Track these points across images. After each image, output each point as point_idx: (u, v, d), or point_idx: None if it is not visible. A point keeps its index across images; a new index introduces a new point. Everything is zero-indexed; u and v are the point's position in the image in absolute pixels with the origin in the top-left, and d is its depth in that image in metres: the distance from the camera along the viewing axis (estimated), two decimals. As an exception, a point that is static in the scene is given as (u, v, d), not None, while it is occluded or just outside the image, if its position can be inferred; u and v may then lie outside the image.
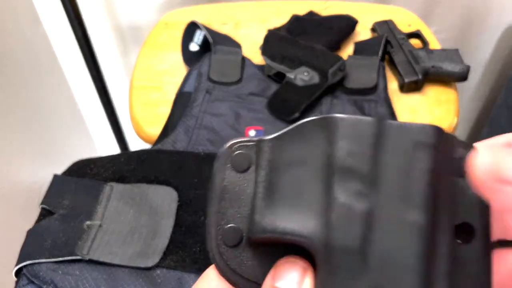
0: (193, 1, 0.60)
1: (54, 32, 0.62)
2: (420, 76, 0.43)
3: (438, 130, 0.13)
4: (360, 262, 0.13)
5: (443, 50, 0.45)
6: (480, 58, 0.67)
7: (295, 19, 0.51)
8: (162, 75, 0.48)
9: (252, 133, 0.40)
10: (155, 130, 0.43)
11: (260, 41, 0.46)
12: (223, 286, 0.15)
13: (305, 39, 0.47)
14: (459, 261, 0.13)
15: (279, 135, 0.14)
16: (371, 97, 0.42)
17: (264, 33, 0.47)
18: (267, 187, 0.14)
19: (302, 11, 0.53)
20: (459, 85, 0.47)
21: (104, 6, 0.63)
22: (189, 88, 0.44)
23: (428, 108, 0.44)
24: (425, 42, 0.48)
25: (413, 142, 0.13)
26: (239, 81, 0.44)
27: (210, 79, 0.44)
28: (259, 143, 0.14)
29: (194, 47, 0.48)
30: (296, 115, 0.40)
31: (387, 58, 0.47)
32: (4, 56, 0.46)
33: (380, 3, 0.59)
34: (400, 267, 0.12)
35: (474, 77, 0.69)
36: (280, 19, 0.52)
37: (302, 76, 0.42)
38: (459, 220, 0.13)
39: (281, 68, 0.43)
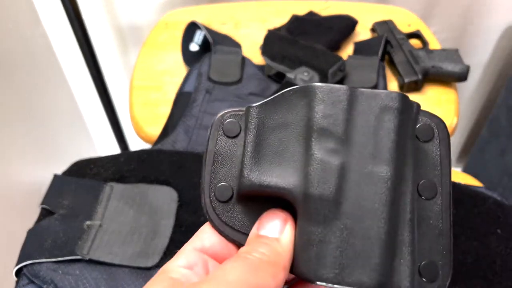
0: (193, 1, 0.60)
1: (54, 32, 0.63)
2: (420, 76, 0.43)
3: (402, 97, 0.15)
4: (334, 208, 0.14)
5: (443, 50, 0.45)
6: (479, 58, 0.67)
7: (295, 19, 0.51)
8: (162, 75, 0.48)
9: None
10: (155, 130, 0.43)
11: (260, 41, 0.46)
12: (214, 239, 0.16)
13: (305, 39, 0.47)
14: (422, 214, 0.15)
15: (265, 102, 0.16)
16: (371, 97, 0.42)
17: (264, 33, 0.47)
18: (255, 147, 0.16)
19: (302, 11, 0.53)
20: (459, 85, 0.47)
21: (104, 6, 0.63)
22: (189, 88, 0.44)
23: (428, 108, 0.43)
24: (425, 42, 0.48)
25: (381, 106, 0.14)
26: (239, 81, 0.44)
27: (210, 79, 0.44)
28: (247, 110, 0.16)
29: (194, 47, 0.48)
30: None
31: (387, 58, 0.47)
32: (4, 56, 0.46)
33: (380, 3, 0.59)
34: (368, 212, 0.14)
35: (474, 77, 0.69)
36: (280, 19, 0.52)
37: (302, 76, 0.42)
38: (422, 178, 0.15)
39: (281, 68, 0.43)
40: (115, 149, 0.77)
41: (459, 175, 0.39)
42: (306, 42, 0.45)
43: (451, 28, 0.63)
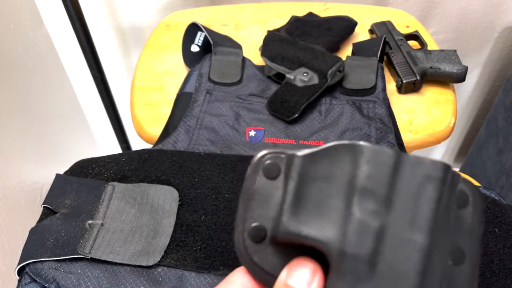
0: (194, 3, 0.61)
1: (57, 33, 0.63)
2: (418, 77, 0.44)
3: (446, 167, 0.15)
4: (367, 269, 0.14)
5: (441, 51, 0.46)
6: (478, 59, 0.67)
7: (295, 20, 0.51)
8: (163, 75, 0.49)
9: (252, 133, 0.40)
10: (156, 130, 0.43)
11: (260, 42, 0.47)
12: (247, 283, 0.16)
13: (305, 40, 0.47)
14: (450, 279, 0.15)
15: (311, 153, 0.16)
16: (370, 97, 0.42)
17: (264, 34, 0.48)
18: (295, 195, 0.16)
19: (301, 13, 0.53)
20: (457, 85, 0.47)
21: (106, 8, 0.63)
22: (189, 88, 0.44)
23: (426, 109, 0.44)
24: (423, 43, 0.48)
25: (424, 174, 0.15)
26: (239, 81, 0.44)
27: (210, 80, 0.44)
28: (290, 157, 0.16)
29: (195, 48, 0.48)
30: (296, 115, 0.40)
31: (386, 59, 0.47)
32: (6, 57, 0.46)
33: (379, 4, 0.59)
34: (400, 278, 0.14)
35: (472, 78, 0.70)
36: (280, 20, 0.53)
37: (302, 76, 0.42)
38: (454, 245, 0.15)
39: (280, 69, 0.43)
40: (117, 149, 0.78)
41: (457, 175, 0.40)
42: (306, 43, 0.45)
43: (449, 29, 0.63)
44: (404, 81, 0.44)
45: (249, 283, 0.16)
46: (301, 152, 0.16)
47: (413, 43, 0.49)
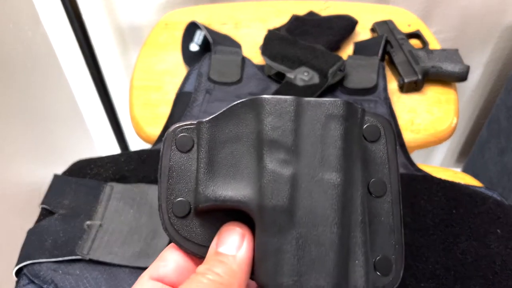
0: (193, 1, 0.60)
1: (55, 32, 0.63)
2: (419, 76, 0.43)
3: (347, 103, 0.15)
4: (288, 218, 0.15)
5: (443, 50, 0.45)
6: (479, 58, 0.67)
7: (295, 19, 0.51)
8: (162, 75, 0.48)
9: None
10: (155, 130, 0.43)
11: (260, 41, 0.46)
12: (171, 266, 0.16)
13: (305, 39, 0.47)
14: (373, 211, 0.16)
15: (215, 116, 0.16)
16: (371, 97, 0.42)
17: (264, 33, 0.47)
18: (208, 162, 0.16)
19: (302, 11, 0.53)
20: (459, 85, 0.47)
21: (104, 6, 0.63)
22: (189, 88, 0.44)
23: (428, 108, 0.44)
24: (425, 42, 0.48)
25: (326, 114, 0.15)
26: (239, 81, 0.44)
27: (210, 79, 0.44)
28: (198, 125, 0.16)
29: (194, 47, 0.48)
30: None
31: (387, 58, 0.47)
32: (4, 56, 0.46)
33: (380, 3, 0.59)
34: (321, 219, 0.15)
35: (474, 77, 0.69)
36: (280, 19, 0.52)
37: (302, 76, 0.42)
38: (372, 177, 0.16)
39: (281, 68, 0.43)
40: (115, 149, 0.77)
41: (458, 175, 0.39)
42: (306, 42, 0.45)
43: (450, 29, 0.63)
44: (405, 81, 0.43)
45: (181, 258, 0.16)
46: (207, 118, 0.16)
47: (415, 42, 0.49)
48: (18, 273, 0.31)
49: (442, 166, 0.41)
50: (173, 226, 0.16)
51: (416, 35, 0.49)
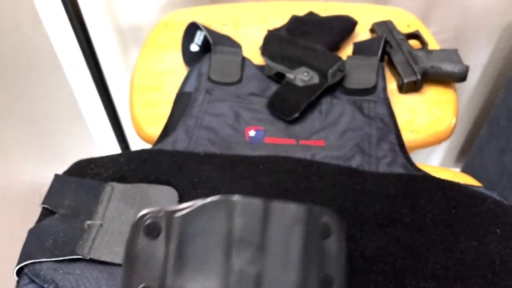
0: (194, 2, 0.60)
1: (55, 32, 0.63)
2: (419, 77, 0.44)
3: (310, 209, 0.17)
4: None
5: (442, 50, 0.46)
6: (479, 58, 0.67)
7: (295, 20, 0.51)
8: (162, 75, 0.48)
9: (252, 133, 0.40)
10: (156, 130, 0.43)
11: (260, 42, 0.46)
12: None
13: (305, 40, 0.47)
14: None
15: (188, 213, 0.17)
16: (370, 97, 0.42)
17: (264, 33, 0.48)
18: (177, 255, 0.17)
19: (302, 12, 0.53)
20: (458, 85, 0.47)
21: (105, 7, 0.63)
22: (189, 88, 0.44)
23: (427, 108, 0.44)
24: (424, 43, 0.48)
25: (291, 218, 0.17)
26: (239, 81, 0.44)
27: (210, 79, 0.44)
28: (169, 216, 0.17)
29: (194, 47, 0.48)
30: (296, 115, 0.40)
31: (386, 58, 0.47)
32: (5, 56, 0.46)
33: (379, 4, 0.59)
34: None
35: (473, 77, 0.70)
36: (280, 20, 0.53)
37: (302, 76, 0.42)
38: (323, 272, 0.17)
39: (280, 68, 0.43)
40: (116, 149, 0.77)
41: (458, 175, 0.40)
42: (306, 43, 0.45)
43: (450, 29, 0.63)
44: (405, 81, 0.44)
45: None
46: (180, 212, 0.17)
47: (414, 43, 0.49)
48: (19, 272, 0.31)
49: (441, 166, 0.41)
50: None
51: (415, 35, 0.49)
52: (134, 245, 0.17)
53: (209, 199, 0.17)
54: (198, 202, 0.17)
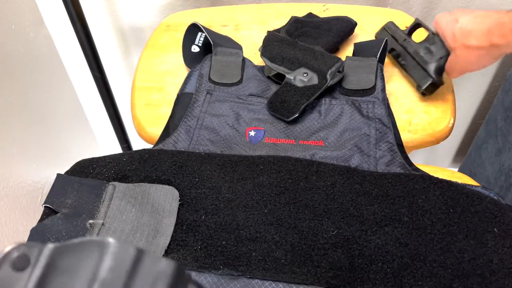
0: (195, 4, 0.61)
1: (58, 33, 0.63)
2: (434, 76, 0.42)
3: (175, 264, 0.17)
4: None
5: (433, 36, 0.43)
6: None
7: (295, 21, 0.51)
8: (163, 76, 0.49)
9: (252, 133, 0.41)
10: (157, 130, 0.43)
11: (260, 43, 0.47)
12: None
13: (304, 41, 0.47)
14: None
15: (61, 246, 0.17)
16: (369, 98, 0.42)
17: (264, 34, 0.48)
18: (38, 284, 0.16)
19: (301, 13, 0.53)
20: (456, 86, 0.47)
21: (106, 8, 0.63)
22: (190, 89, 0.44)
23: (425, 109, 0.44)
24: (428, 29, 0.44)
25: (158, 271, 0.17)
26: (239, 82, 0.44)
27: (211, 80, 0.44)
28: (41, 247, 0.17)
29: (195, 48, 0.49)
30: (296, 115, 0.41)
31: (390, 61, 0.47)
32: (7, 57, 0.46)
33: (378, 5, 0.60)
34: None
35: (471, 77, 0.70)
36: (279, 21, 0.53)
37: (301, 77, 0.43)
38: None
39: (280, 69, 0.43)
40: (118, 149, 0.78)
41: (456, 175, 0.40)
42: (305, 44, 0.45)
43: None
44: (423, 88, 0.42)
45: None
46: (53, 244, 0.17)
47: (421, 33, 0.46)
48: (22, 271, 0.31)
49: (439, 166, 0.42)
50: None
51: (418, 25, 0.46)
52: None
53: (85, 238, 0.17)
54: (75, 240, 0.17)
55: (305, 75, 0.42)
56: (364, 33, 0.52)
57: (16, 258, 0.16)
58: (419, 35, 0.46)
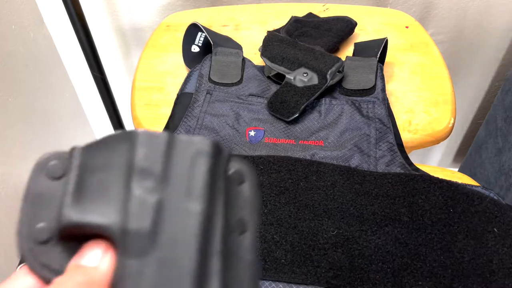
0: (195, 4, 0.61)
1: (58, 33, 0.63)
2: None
3: (214, 143, 0.16)
4: (150, 242, 0.15)
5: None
6: (477, 59, 0.68)
7: (294, 21, 0.51)
8: (163, 76, 0.49)
9: (252, 133, 0.41)
10: (157, 130, 0.43)
11: (260, 43, 0.47)
12: (31, 283, 0.16)
13: (304, 41, 0.47)
14: (233, 248, 0.17)
15: (89, 144, 0.17)
16: (369, 98, 0.42)
17: (264, 34, 0.48)
18: (76, 187, 0.16)
19: (301, 13, 0.53)
20: (457, 86, 0.48)
21: (106, 8, 0.63)
22: (190, 89, 0.44)
23: (425, 109, 0.44)
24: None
25: (195, 150, 0.16)
26: (239, 82, 0.44)
27: (211, 80, 0.44)
28: (71, 151, 0.17)
29: (195, 48, 0.49)
30: (296, 115, 0.41)
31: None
32: (8, 57, 0.46)
33: (378, 5, 0.60)
34: (182, 244, 0.15)
35: (471, 77, 0.70)
36: (279, 21, 0.53)
37: (301, 77, 0.43)
38: (234, 216, 0.17)
39: (280, 69, 0.43)
40: (116, 150, 0.77)
41: (456, 175, 0.40)
42: (305, 44, 0.45)
43: (448, 30, 0.63)
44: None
45: (33, 282, 0.16)
46: (81, 146, 0.16)
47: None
48: (22, 271, 0.31)
49: (439, 166, 0.42)
50: (31, 252, 0.16)
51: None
52: (34, 185, 0.16)
53: (112, 133, 0.17)
54: (103, 137, 0.17)
55: (305, 75, 0.42)
56: (364, 33, 0.52)
57: (51, 167, 0.16)
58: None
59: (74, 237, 0.16)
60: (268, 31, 0.48)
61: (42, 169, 0.17)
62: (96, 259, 0.15)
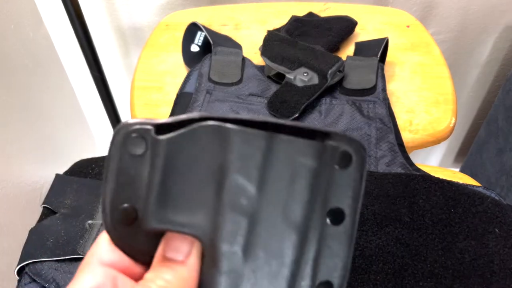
0: (194, 3, 0.61)
1: (57, 33, 0.63)
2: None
3: (319, 144, 0.14)
4: (242, 254, 0.14)
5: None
6: (478, 58, 0.67)
7: (295, 20, 0.51)
8: (163, 75, 0.49)
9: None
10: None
11: (260, 42, 0.47)
12: (112, 251, 0.15)
13: (305, 40, 0.47)
14: (326, 238, 0.15)
15: (175, 135, 0.15)
16: (370, 97, 0.42)
17: (264, 34, 0.48)
18: (162, 185, 0.15)
19: (301, 12, 0.53)
20: (457, 85, 0.47)
21: (105, 8, 0.63)
22: (189, 88, 0.44)
23: (426, 109, 0.44)
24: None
25: (298, 153, 0.14)
26: (239, 81, 0.44)
27: (210, 80, 0.44)
28: (155, 140, 0.15)
29: (194, 48, 0.48)
30: (296, 115, 0.40)
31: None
32: (6, 57, 0.46)
33: (379, 4, 0.59)
34: (276, 256, 0.14)
35: (472, 77, 0.70)
36: (280, 20, 0.53)
37: (302, 76, 0.42)
38: (331, 205, 0.15)
39: (280, 69, 0.43)
40: (116, 150, 0.77)
41: (457, 175, 0.40)
42: (306, 43, 0.45)
43: (449, 29, 0.63)
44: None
45: (119, 255, 0.15)
46: (166, 135, 0.15)
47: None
48: (20, 272, 0.31)
49: (440, 166, 0.41)
50: (116, 232, 0.15)
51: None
52: (118, 161, 0.15)
53: (200, 123, 0.14)
54: (181, 117, 0.14)
55: (305, 74, 0.42)
56: (365, 32, 0.52)
57: (133, 141, 0.15)
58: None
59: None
60: (268, 31, 0.48)
61: (124, 144, 0.15)
62: (183, 253, 0.15)
